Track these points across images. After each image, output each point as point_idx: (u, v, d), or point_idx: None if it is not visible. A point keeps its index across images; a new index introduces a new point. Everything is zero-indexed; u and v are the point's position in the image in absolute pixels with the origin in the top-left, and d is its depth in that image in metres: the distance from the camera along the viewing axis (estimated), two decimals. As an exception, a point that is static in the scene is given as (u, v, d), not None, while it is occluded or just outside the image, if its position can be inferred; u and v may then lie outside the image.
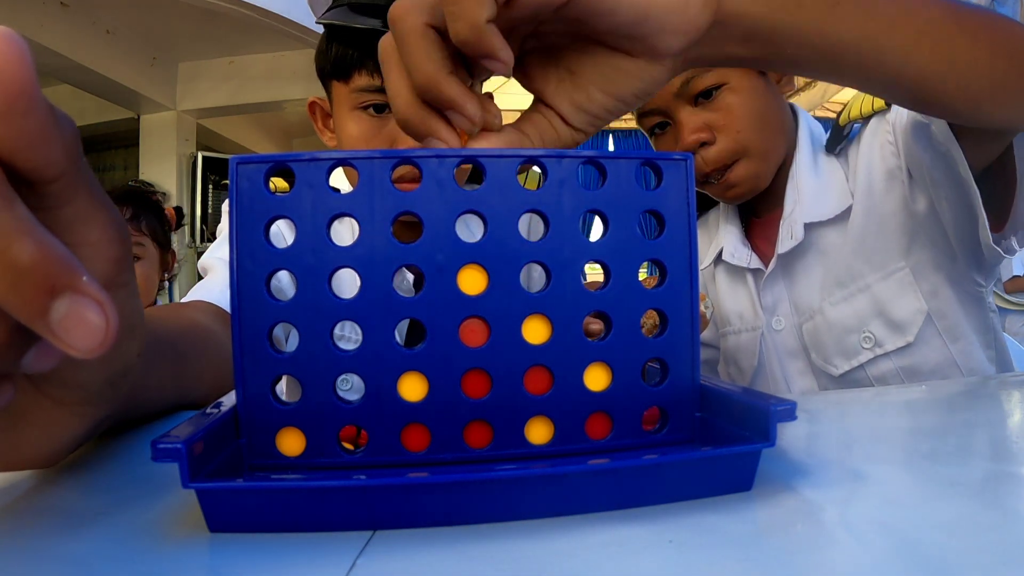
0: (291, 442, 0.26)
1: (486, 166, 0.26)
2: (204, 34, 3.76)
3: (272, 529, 0.22)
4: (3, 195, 0.16)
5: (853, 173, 0.73)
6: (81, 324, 0.16)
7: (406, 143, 0.67)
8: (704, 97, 0.71)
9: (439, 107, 0.29)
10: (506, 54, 0.29)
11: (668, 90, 0.72)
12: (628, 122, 7.50)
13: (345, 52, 0.68)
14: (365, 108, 0.69)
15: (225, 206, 0.72)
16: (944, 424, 0.36)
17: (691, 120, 0.72)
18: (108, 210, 0.21)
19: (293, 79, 4.08)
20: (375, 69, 0.67)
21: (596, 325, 0.29)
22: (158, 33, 3.75)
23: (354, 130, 0.70)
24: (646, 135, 0.79)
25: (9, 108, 0.16)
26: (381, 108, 0.69)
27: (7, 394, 0.20)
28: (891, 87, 0.42)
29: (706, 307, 0.86)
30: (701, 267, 0.88)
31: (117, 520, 0.24)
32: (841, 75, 0.40)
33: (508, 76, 0.31)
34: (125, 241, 0.22)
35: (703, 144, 0.72)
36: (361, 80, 0.68)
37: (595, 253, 0.27)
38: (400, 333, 0.26)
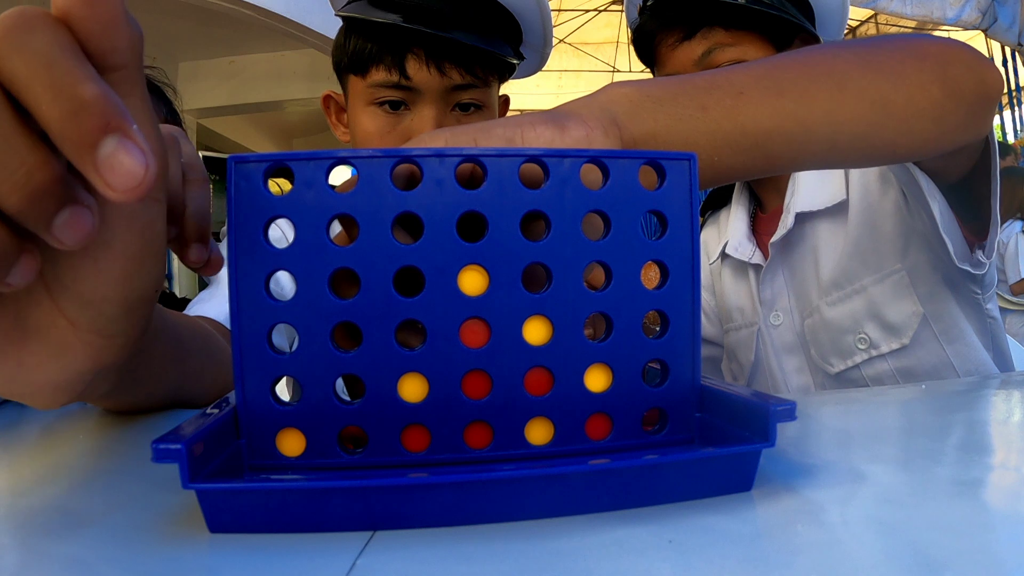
0: (291, 442, 0.26)
1: (486, 166, 0.26)
2: (204, 34, 3.76)
3: (272, 529, 0.22)
4: (78, 54, 0.19)
5: (853, 172, 0.73)
6: (125, 162, 0.18)
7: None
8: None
9: None
10: None
11: (689, 59, 0.73)
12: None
13: (364, 46, 0.68)
14: (381, 104, 0.69)
15: None
16: (944, 424, 0.36)
17: None
18: (155, 123, 0.23)
19: (293, 79, 4.08)
20: (392, 64, 0.67)
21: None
22: (158, 33, 3.75)
23: (369, 125, 0.70)
24: None
25: None
26: (397, 105, 0.69)
27: (31, 265, 0.20)
28: (830, 157, 0.40)
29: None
30: (709, 262, 0.89)
31: (117, 520, 0.24)
32: (775, 164, 0.37)
33: None
34: (165, 157, 0.24)
35: None
36: (378, 75, 0.68)
37: (596, 253, 0.27)
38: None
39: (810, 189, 0.73)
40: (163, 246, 0.26)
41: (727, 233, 0.85)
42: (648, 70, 0.81)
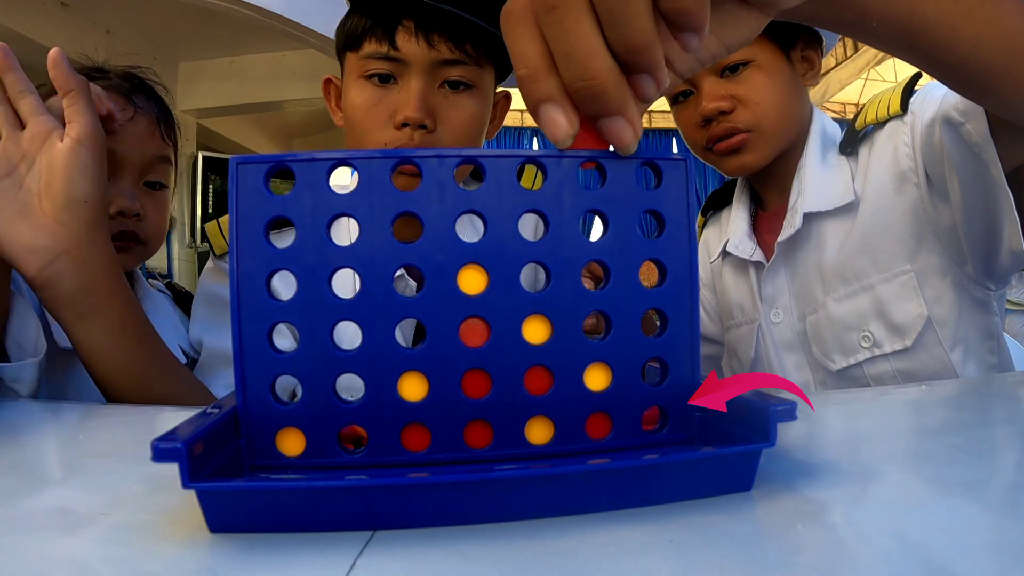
0: (291, 442, 0.26)
1: (486, 166, 0.26)
2: (204, 34, 3.76)
3: (272, 529, 0.22)
4: None
5: (862, 173, 0.73)
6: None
7: (402, 114, 0.66)
8: (730, 71, 0.74)
9: (636, 71, 0.26)
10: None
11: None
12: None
13: (360, 21, 0.68)
14: (370, 77, 0.69)
15: None
16: (945, 424, 0.36)
17: (714, 89, 0.74)
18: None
19: (293, 79, 4.08)
20: (383, 36, 0.66)
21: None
22: (158, 33, 3.75)
23: (356, 98, 0.69)
24: (668, 103, 0.81)
25: None
26: (386, 78, 0.68)
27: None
28: (955, 72, 0.44)
29: None
30: (710, 261, 0.89)
31: (117, 520, 0.24)
32: (914, 54, 0.42)
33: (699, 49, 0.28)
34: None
35: (721, 113, 0.73)
36: (370, 47, 0.67)
37: (595, 253, 0.27)
38: (405, 335, 0.26)
39: (817, 189, 0.74)
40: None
41: (728, 232, 0.85)
42: None
